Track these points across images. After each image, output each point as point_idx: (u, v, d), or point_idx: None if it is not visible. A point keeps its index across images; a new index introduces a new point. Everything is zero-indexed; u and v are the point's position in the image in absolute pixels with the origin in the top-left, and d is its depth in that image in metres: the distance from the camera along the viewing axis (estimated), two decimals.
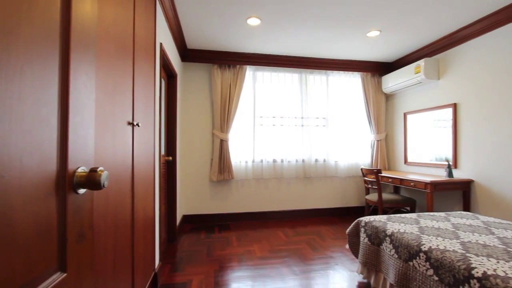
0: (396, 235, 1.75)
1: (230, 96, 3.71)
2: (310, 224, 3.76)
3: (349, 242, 2.23)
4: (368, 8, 2.55)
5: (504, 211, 2.62)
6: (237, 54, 3.70)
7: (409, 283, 1.58)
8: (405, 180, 3.21)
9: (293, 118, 4.03)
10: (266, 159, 3.92)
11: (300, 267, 2.38)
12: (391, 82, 3.89)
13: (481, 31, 2.80)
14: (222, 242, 3.02)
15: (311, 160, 4.02)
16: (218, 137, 3.69)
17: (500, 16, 2.57)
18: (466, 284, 1.24)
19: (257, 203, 3.96)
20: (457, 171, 3.13)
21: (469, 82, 2.98)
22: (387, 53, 3.74)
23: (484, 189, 2.82)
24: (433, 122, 3.46)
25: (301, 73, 4.05)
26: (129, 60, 1.33)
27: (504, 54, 2.62)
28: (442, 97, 3.34)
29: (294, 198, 4.06)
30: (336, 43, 3.38)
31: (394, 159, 4.24)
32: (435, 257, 1.43)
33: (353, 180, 4.26)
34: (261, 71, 3.93)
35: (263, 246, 2.91)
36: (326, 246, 2.90)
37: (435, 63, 3.37)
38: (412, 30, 3.01)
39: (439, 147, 3.37)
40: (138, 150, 1.52)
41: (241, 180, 3.91)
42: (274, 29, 2.98)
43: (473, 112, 2.94)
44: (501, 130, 2.65)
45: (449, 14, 2.66)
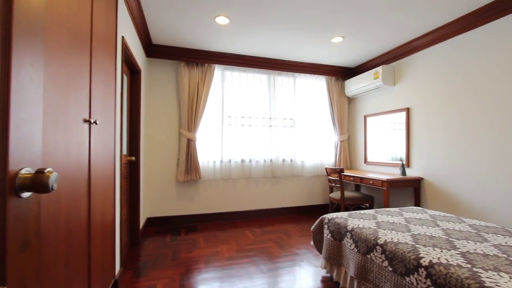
0: (356, 230, 1.86)
1: (198, 95, 3.63)
2: (277, 222, 3.83)
3: (314, 238, 2.31)
4: (332, 14, 2.67)
5: (448, 205, 2.92)
6: (205, 52, 3.64)
7: (367, 274, 1.69)
8: (365, 179, 3.42)
9: (262, 119, 4.08)
10: (234, 159, 3.91)
11: (268, 265, 2.42)
12: (353, 86, 4.13)
13: (430, 42, 3.09)
14: (189, 244, 2.95)
15: (278, 160, 4.10)
16: (185, 137, 3.59)
17: (446, 30, 2.87)
18: (415, 272, 1.36)
19: (225, 203, 3.93)
20: (409, 170, 3.42)
21: (420, 88, 3.28)
22: (349, 58, 3.96)
23: (432, 185, 3.12)
24: (389, 125, 3.74)
25: (270, 74, 4.11)
26: (86, 52, 1.24)
27: (449, 64, 2.93)
28: (397, 102, 3.62)
29: (262, 197, 4.11)
30: (303, 46, 3.49)
31: (355, 159, 4.50)
32: (390, 250, 1.54)
33: (318, 179, 4.43)
34: (230, 70, 3.91)
35: (231, 246, 2.90)
36: (293, 243, 2.98)
37: (391, 70, 3.65)
38: (372, 38, 3.22)
39: (395, 147, 3.65)
40: (96, 149, 1.42)
41: (209, 181, 3.86)
42: (243, 29, 2.99)
43: (423, 116, 3.23)
44: (446, 133, 2.95)
45: (403, 26, 2.89)
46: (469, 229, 1.79)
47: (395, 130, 3.65)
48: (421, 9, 2.55)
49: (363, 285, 1.71)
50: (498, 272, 1.17)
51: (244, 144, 3.98)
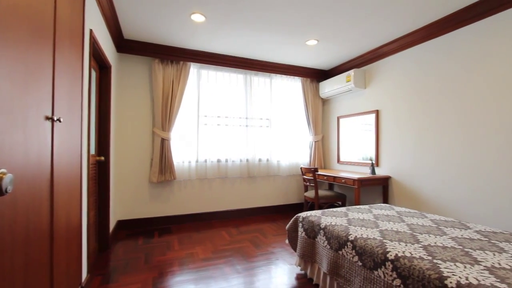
0: (328, 227, 1.92)
1: (173, 93, 3.54)
2: (253, 222, 3.84)
3: (289, 237, 2.36)
4: (307, 18, 2.73)
5: (413, 201, 3.12)
6: (180, 50, 3.55)
7: (339, 270, 1.75)
8: (338, 178, 3.55)
9: (238, 118, 4.07)
10: (210, 159, 3.86)
11: (243, 265, 2.42)
12: (327, 88, 4.26)
13: (398, 48, 3.28)
14: (163, 247, 2.86)
15: (255, 159, 4.12)
16: (159, 136, 3.49)
17: (413, 37, 3.05)
18: (382, 266, 1.43)
19: (201, 203, 3.87)
20: (378, 169, 3.60)
21: (388, 92, 3.46)
22: (324, 61, 4.07)
23: (399, 183, 3.31)
24: (361, 126, 3.91)
25: (246, 74, 4.11)
26: (49, 45, 1.15)
27: (415, 69, 3.12)
28: (368, 104, 3.80)
29: (238, 197, 4.10)
30: (279, 48, 3.53)
31: (329, 159, 4.64)
32: (359, 245, 1.61)
33: (293, 179, 4.51)
34: (206, 69, 3.86)
35: (207, 247, 2.86)
36: (268, 242, 3.01)
37: (362, 74, 3.82)
38: (345, 42, 3.34)
39: (365, 148, 3.83)
40: (60, 149, 1.33)
41: (184, 181, 3.77)
42: (219, 27, 2.96)
43: (391, 118, 3.42)
44: (411, 134, 3.15)
45: (374, 32, 3.04)
46: (430, 224, 1.93)
47: (365, 131, 3.82)
48: (390, 17, 2.69)
49: (335, 280, 1.77)
50: (454, 263, 1.27)
51: (220, 144, 3.94)
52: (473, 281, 1.09)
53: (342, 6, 2.50)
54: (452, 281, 1.12)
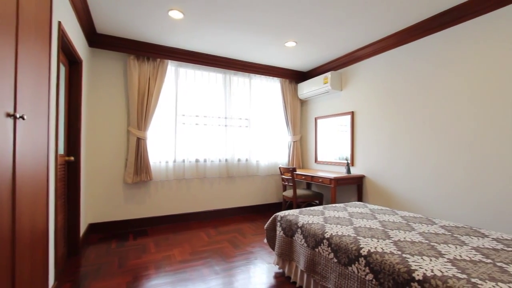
0: (305, 226, 1.96)
1: (149, 91, 3.43)
2: (232, 222, 3.83)
3: (267, 236, 2.38)
4: (286, 20, 2.77)
5: (385, 199, 3.27)
6: (158, 47, 3.45)
7: (315, 267, 1.79)
8: (315, 177, 3.63)
9: (217, 118, 4.03)
10: (188, 159, 3.79)
11: (222, 265, 2.40)
12: (305, 89, 4.34)
13: (372, 53, 3.42)
14: (138, 250, 2.77)
15: (234, 159, 4.10)
16: (135, 135, 3.36)
17: (385, 43, 3.20)
18: (356, 262, 1.49)
19: (179, 204, 3.79)
20: (353, 168, 3.74)
21: (363, 94, 3.60)
22: (302, 63, 4.15)
23: (372, 182, 3.45)
24: (337, 127, 4.04)
25: (226, 74, 4.09)
26: (10, 36, 1.07)
27: (385, 74, 3.28)
28: (344, 106, 3.93)
29: (217, 197, 4.07)
30: (258, 48, 3.55)
31: (307, 159, 4.74)
32: (335, 242, 1.66)
33: (272, 178, 4.55)
34: (184, 67, 3.79)
35: (184, 249, 2.81)
36: (247, 242, 3.02)
37: (339, 76, 3.94)
38: (322, 45, 3.43)
39: (341, 148, 3.95)
40: (24, 148, 1.24)
41: (160, 182, 3.67)
42: (198, 25, 2.91)
43: (365, 119, 3.56)
44: (383, 135, 3.30)
45: (350, 37, 3.14)
46: (400, 220, 2.03)
47: (342, 131, 3.95)
48: (364, 24, 2.80)
49: (312, 277, 1.81)
50: (421, 256, 1.35)
51: (199, 144, 3.89)
52: (437, 273, 1.17)
53: (319, 10, 2.56)
54: (419, 274, 1.19)
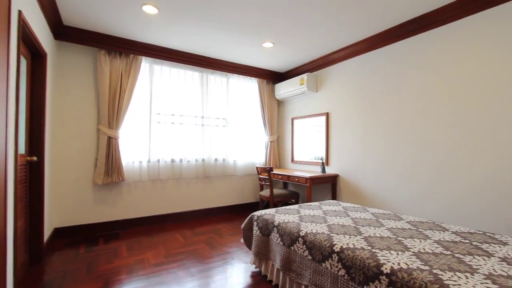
0: (281, 225, 1.99)
1: (122, 88, 3.29)
2: (209, 223, 3.79)
3: (244, 236, 2.38)
4: (263, 21, 2.79)
5: (357, 197, 3.41)
6: (131, 42, 3.32)
7: (291, 265, 1.83)
8: (291, 177, 3.70)
9: (194, 117, 3.97)
10: (163, 158, 3.69)
11: (198, 267, 2.37)
12: (282, 90, 4.41)
13: (345, 56, 3.55)
14: (109, 254, 2.64)
15: (211, 159, 4.06)
16: (105, 134, 3.21)
17: (358, 47, 3.34)
18: (330, 258, 1.54)
19: (153, 206, 3.68)
20: (328, 168, 3.86)
21: (337, 96, 3.73)
22: (279, 64, 4.21)
23: (345, 181, 3.59)
24: (313, 127, 4.14)
25: (203, 72, 4.03)
26: None
27: (358, 77, 3.42)
28: (319, 107, 4.04)
29: (193, 198, 4.00)
30: (236, 48, 3.54)
31: (284, 158, 4.81)
32: (310, 240, 1.71)
33: (249, 178, 4.57)
34: (159, 64, 3.67)
35: (159, 251, 2.73)
36: (224, 243, 3.00)
37: (315, 78, 4.05)
38: (298, 47, 3.50)
39: (317, 148, 4.06)
40: None
41: (134, 182, 3.54)
42: (174, 22, 2.84)
43: (339, 120, 3.69)
44: (356, 135, 3.44)
45: (325, 40, 3.24)
46: (371, 217, 2.13)
47: (317, 132, 4.06)
48: (339, 27, 2.90)
49: (288, 275, 1.84)
50: (389, 251, 1.43)
51: (175, 143, 3.80)
52: (403, 266, 1.24)
53: (296, 12, 2.61)
54: (387, 267, 1.26)
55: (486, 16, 2.27)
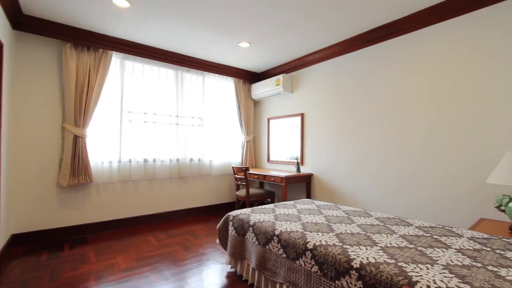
0: (257, 224, 2.01)
1: (90, 84, 3.11)
2: (184, 224, 3.71)
3: (219, 236, 2.36)
4: (239, 21, 2.79)
5: (330, 195, 3.53)
6: (100, 36, 3.15)
7: (266, 264, 1.85)
8: (267, 176, 3.74)
9: (168, 116, 3.86)
10: (135, 158, 3.55)
11: (172, 270, 2.31)
12: (258, 90, 4.43)
13: (319, 59, 3.65)
14: (75, 261, 2.49)
15: (186, 159, 3.98)
16: (71, 133, 3.02)
17: (331, 51, 3.45)
18: (303, 255, 1.58)
19: (124, 208, 3.52)
20: (303, 167, 3.95)
21: (312, 97, 3.83)
22: (256, 64, 4.23)
23: (319, 180, 3.70)
24: (289, 127, 4.21)
25: (178, 70, 3.93)
26: None
27: (332, 80, 3.54)
28: (294, 107, 4.12)
29: (167, 199, 3.89)
30: (212, 47, 3.50)
31: (260, 158, 4.85)
32: (284, 239, 1.74)
33: (226, 178, 4.54)
34: (131, 60, 3.53)
35: (130, 255, 2.62)
36: (199, 244, 2.95)
37: (290, 79, 4.12)
38: (275, 48, 3.54)
39: (292, 148, 4.14)
40: None
41: (103, 184, 3.36)
42: (147, 18, 2.74)
43: (313, 121, 3.79)
44: (330, 136, 3.56)
45: (300, 42, 3.31)
46: (343, 214, 2.22)
47: (292, 132, 4.14)
48: (314, 30, 2.97)
49: (263, 274, 1.86)
50: (359, 246, 1.50)
51: (148, 143, 3.67)
52: (371, 260, 1.31)
53: (273, 13, 2.64)
54: (356, 262, 1.32)
55: (447, 26, 2.45)
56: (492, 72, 2.19)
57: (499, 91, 2.15)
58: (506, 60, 2.12)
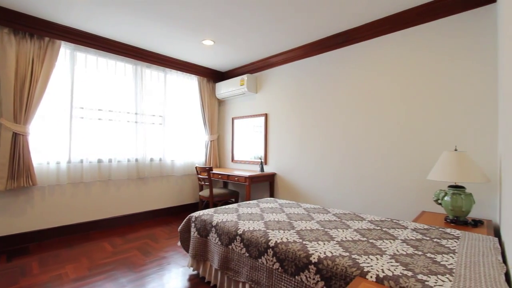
0: (220, 224, 1.99)
1: (33, 76, 2.79)
2: (143, 228, 3.53)
3: (181, 238, 2.30)
4: (202, 18, 2.74)
5: (292, 194, 3.65)
6: (46, 23, 2.84)
7: (229, 264, 1.84)
8: (231, 176, 3.73)
9: (126, 113, 3.63)
10: (88, 159, 3.28)
11: (129, 277, 2.18)
12: (223, 89, 4.40)
13: (283, 61, 3.75)
14: (13, 274, 2.22)
15: (145, 159, 3.78)
16: (9, 129, 2.68)
17: (294, 53, 3.56)
18: (265, 253, 1.61)
19: (75, 213, 3.23)
20: (266, 167, 4.02)
21: (275, 98, 3.91)
22: (220, 63, 4.19)
23: (282, 179, 3.80)
24: (253, 127, 4.25)
25: (137, 65, 3.72)
26: None
27: (295, 81, 3.65)
28: (258, 108, 4.17)
29: (125, 202, 3.66)
30: (174, 43, 3.38)
31: (224, 158, 4.81)
32: (247, 238, 1.75)
33: (189, 178, 4.42)
34: (83, 52, 3.24)
35: (81, 264, 2.41)
36: (160, 247, 2.84)
37: (254, 79, 4.16)
38: (239, 48, 3.54)
39: (256, 147, 4.18)
40: None
41: (49, 187, 3.04)
42: (102, 7, 2.55)
43: (277, 121, 3.88)
44: (292, 136, 3.67)
45: (263, 44, 3.36)
46: (303, 212, 2.31)
47: (257, 132, 4.18)
48: (277, 32, 3.04)
49: (226, 274, 1.85)
50: (317, 241, 1.57)
51: (103, 142, 3.41)
52: (328, 254, 1.38)
53: (237, 14, 2.64)
54: (315, 257, 1.38)
55: (396, 36, 2.70)
56: (434, 79, 2.46)
57: (438, 96, 2.43)
58: (445, 69, 2.40)
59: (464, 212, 1.94)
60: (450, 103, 2.36)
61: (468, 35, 2.28)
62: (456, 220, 1.98)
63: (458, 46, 2.32)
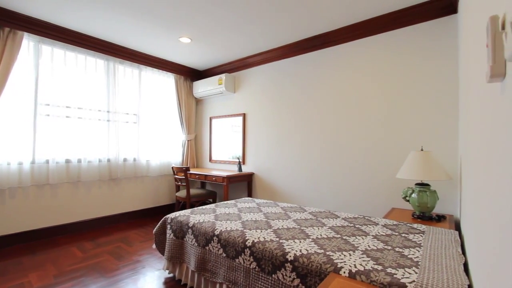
0: (196, 225, 1.96)
1: None
2: (116, 231, 3.38)
3: (156, 241, 2.23)
4: (181, 13, 2.68)
5: (270, 193, 3.68)
6: (7, 12, 2.63)
7: (205, 265, 1.82)
8: (209, 176, 3.69)
9: (97, 111, 3.46)
10: (54, 159, 3.08)
11: (101, 283, 2.08)
12: (200, 88, 4.33)
13: (261, 61, 3.77)
14: None
15: (118, 159, 3.63)
16: None
17: (271, 54, 3.60)
18: (242, 253, 1.61)
19: (40, 217, 3.02)
20: (244, 167, 4.02)
21: (253, 98, 3.93)
22: (197, 61, 4.12)
23: (260, 178, 3.82)
24: (231, 127, 4.23)
25: (109, 61, 3.55)
26: None
27: (272, 82, 3.69)
28: (237, 107, 4.16)
29: (96, 204, 3.49)
30: (150, 39, 3.27)
31: (201, 158, 4.74)
32: (224, 238, 1.74)
33: (165, 179, 4.31)
34: (49, 45, 3.04)
35: (47, 272, 2.26)
36: (133, 251, 2.73)
37: (233, 79, 4.14)
38: (217, 47, 3.51)
39: (234, 147, 4.17)
40: None
41: (10, 189, 2.82)
42: None
43: (255, 121, 3.90)
44: (270, 136, 3.71)
45: (242, 43, 3.35)
46: (280, 211, 2.34)
47: (235, 132, 4.17)
48: (255, 33, 3.05)
49: (202, 276, 1.83)
50: (294, 240, 1.60)
51: (71, 141, 3.22)
52: (304, 252, 1.41)
53: (215, 12, 2.61)
54: (291, 255, 1.41)
55: (371, 40, 2.82)
56: (403, 82, 2.60)
57: (407, 99, 2.57)
58: (413, 74, 2.54)
59: (429, 208, 2.07)
60: (418, 106, 2.51)
61: (434, 40, 2.44)
62: (422, 216, 2.11)
63: (425, 51, 2.48)
